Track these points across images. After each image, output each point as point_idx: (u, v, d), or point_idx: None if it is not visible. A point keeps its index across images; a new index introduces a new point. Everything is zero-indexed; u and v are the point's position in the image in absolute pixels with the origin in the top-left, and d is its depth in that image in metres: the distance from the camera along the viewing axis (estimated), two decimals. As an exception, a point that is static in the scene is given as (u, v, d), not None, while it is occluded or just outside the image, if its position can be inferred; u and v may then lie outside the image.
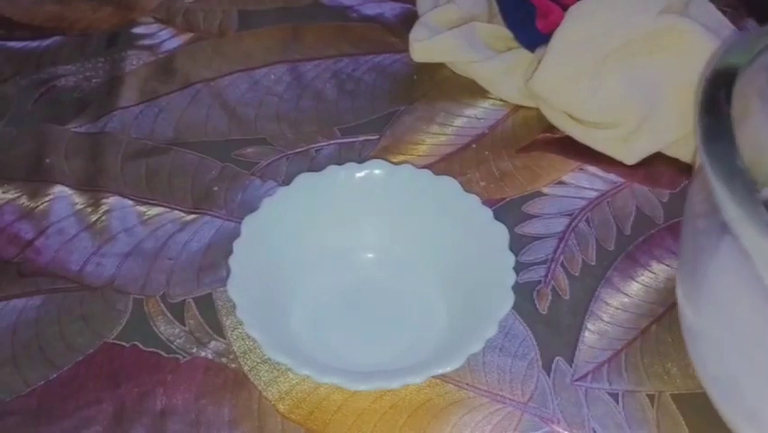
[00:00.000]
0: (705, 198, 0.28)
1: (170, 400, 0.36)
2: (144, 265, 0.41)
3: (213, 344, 0.38)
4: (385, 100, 0.50)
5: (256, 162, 0.47)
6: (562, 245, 0.42)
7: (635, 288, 0.40)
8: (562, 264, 0.41)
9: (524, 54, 0.49)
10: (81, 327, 0.39)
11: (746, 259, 0.25)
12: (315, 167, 0.42)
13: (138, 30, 0.56)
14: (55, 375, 0.37)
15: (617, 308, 0.39)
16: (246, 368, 0.37)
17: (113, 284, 0.41)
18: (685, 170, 0.45)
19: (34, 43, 0.55)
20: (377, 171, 0.40)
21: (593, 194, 0.44)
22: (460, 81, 0.51)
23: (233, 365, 0.37)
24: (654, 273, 0.41)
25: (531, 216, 0.43)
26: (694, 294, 0.31)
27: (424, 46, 0.50)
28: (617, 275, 0.41)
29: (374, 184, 0.40)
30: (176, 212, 0.44)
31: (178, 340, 0.38)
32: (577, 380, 0.37)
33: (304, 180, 0.40)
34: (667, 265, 0.41)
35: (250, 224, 0.38)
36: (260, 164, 0.46)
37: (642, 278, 0.40)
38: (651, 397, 0.36)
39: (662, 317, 0.39)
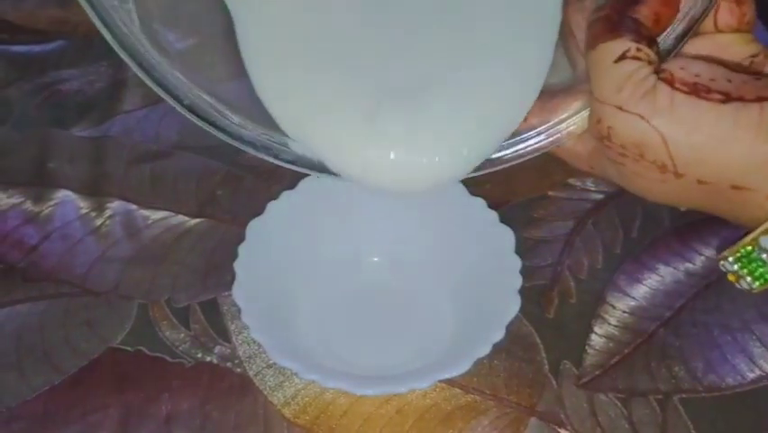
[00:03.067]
0: None
1: (176, 405, 0.36)
2: (149, 270, 0.41)
3: (218, 348, 0.38)
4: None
5: (260, 166, 0.46)
6: (568, 249, 0.42)
7: (641, 291, 0.40)
8: (569, 268, 0.41)
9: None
10: (86, 332, 0.39)
11: None
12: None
13: (141, 33, 0.56)
14: (60, 381, 0.37)
15: (624, 312, 0.39)
16: (251, 373, 0.37)
17: (117, 289, 0.40)
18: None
19: (37, 47, 0.55)
20: (382, 175, 0.40)
21: (599, 197, 0.44)
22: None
23: (239, 370, 0.37)
24: (661, 276, 0.40)
25: (537, 219, 0.43)
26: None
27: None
28: (623, 278, 0.40)
29: (379, 188, 0.40)
30: (180, 216, 0.44)
31: (183, 345, 0.38)
32: (584, 383, 0.36)
33: (309, 184, 0.40)
34: (674, 268, 0.41)
35: (255, 228, 0.38)
36: (264, 168, 0.46)
37: (649, 281, 0.40)
38: (659, 401, 0.36)
39: (670, 321, 0.39)
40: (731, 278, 0.27)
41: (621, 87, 0.24)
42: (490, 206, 0.39)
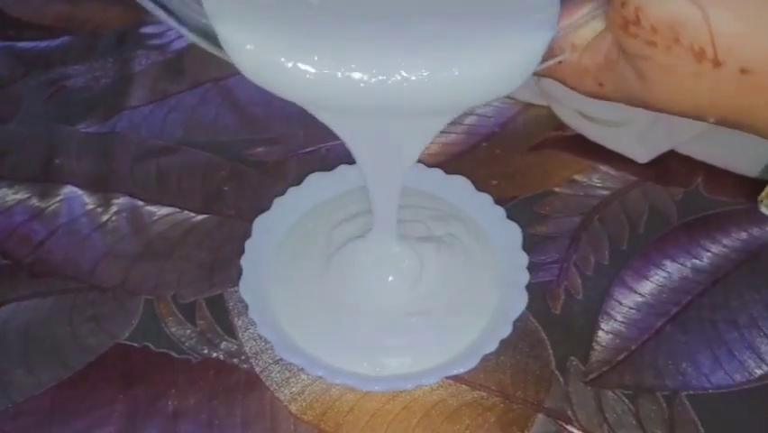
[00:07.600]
0: None
1: (182, 401, 0.36)
2: (155, 266, 0.41)
3: (224, 344, 0.38)
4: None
5: (266, 162, 0.46)
6: (574, 245, 0.42)
7: (648, 287, 0.40)
8: (575, 264, 0.41)
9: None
10: (93, 327, 0.39)
11: None
12: (326, 166, 0.42)
13: (147, 29, 0.56)
14: (67, 376, 0.37)
15: (631, 308, 0.39)
16: (258, 369, 0.37)
17: (124, 285, 0.40)
18: (698, 167, 0.45)
19: (44, 43, 0.55)
20: (388, 171, 0.40)
21: (605, 193, 0.44)
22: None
23: (245, 366, 0.37)
24: (668, 272, 0.40)
25: (543, 216, 0.43)
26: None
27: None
28: (630, 274, 0.40)
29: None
30: (186, 212, 0.44)
31: (189, 341, 0.38)
32: (591, 380, 0.36)
33: (315, 180, 0.40)
34: (681, 264, 0.41)
35: (261, 224, 0.38)
36: (271, 164, 0.46)
37: (656, 277, 0.40)
38: (666, 397, 0.36)
39: (677, 317, 0.39)
40: None
41: None
42: (497, 202, 0.39)
